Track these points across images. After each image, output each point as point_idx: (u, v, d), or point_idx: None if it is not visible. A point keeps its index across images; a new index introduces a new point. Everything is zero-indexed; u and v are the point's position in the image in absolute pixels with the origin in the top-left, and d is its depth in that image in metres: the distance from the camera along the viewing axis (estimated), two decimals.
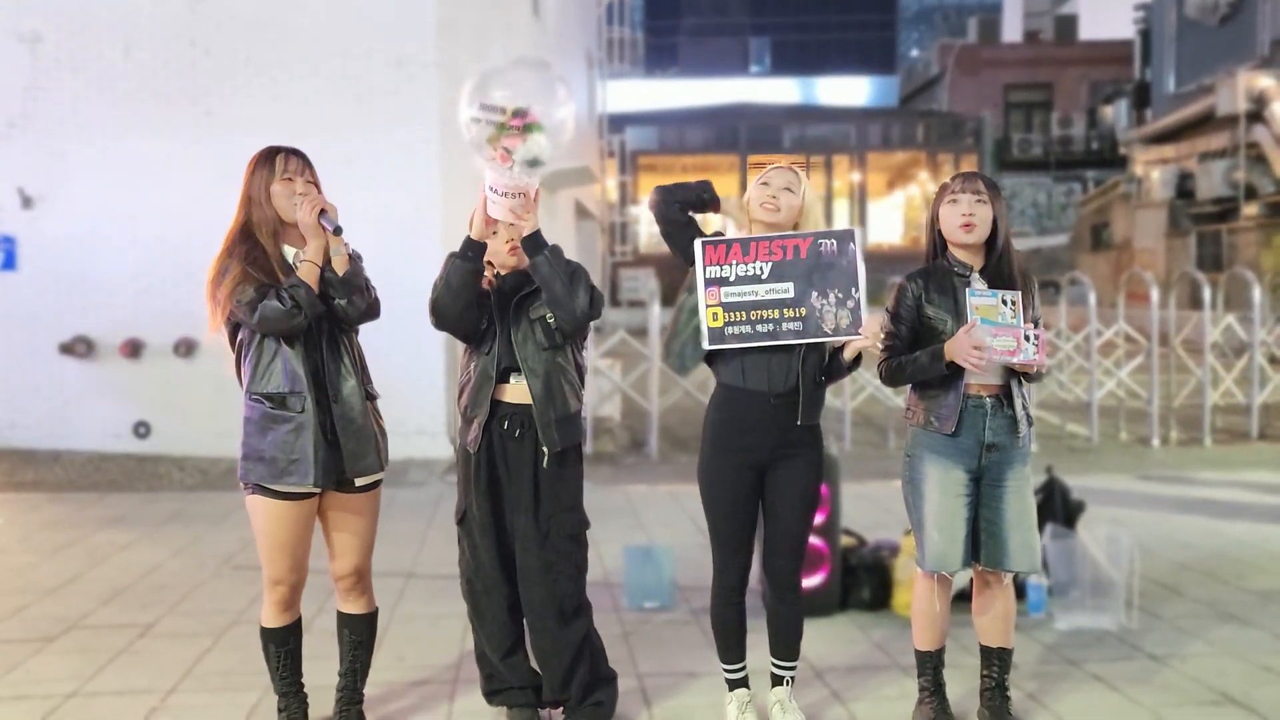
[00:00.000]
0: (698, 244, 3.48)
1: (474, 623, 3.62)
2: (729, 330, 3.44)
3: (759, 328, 3.42)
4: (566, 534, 3.52)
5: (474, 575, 3.57)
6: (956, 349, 3.37)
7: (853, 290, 3.37)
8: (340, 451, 3.35)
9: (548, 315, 3.44)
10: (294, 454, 3.29)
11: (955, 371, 3.43)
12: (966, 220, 3.45)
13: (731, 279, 3.44)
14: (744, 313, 3.43)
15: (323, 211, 3.30)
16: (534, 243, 3.37)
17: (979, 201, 3.46)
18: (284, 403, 3.31)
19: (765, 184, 3.52)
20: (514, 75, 3.27)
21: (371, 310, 3.41)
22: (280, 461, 3.30)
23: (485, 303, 3.50)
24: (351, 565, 3.50)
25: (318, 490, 3.36)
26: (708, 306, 3.46)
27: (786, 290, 3.40)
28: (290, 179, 3.33)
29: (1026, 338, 3.34)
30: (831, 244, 3.40)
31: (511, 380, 3.48)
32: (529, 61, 3.42)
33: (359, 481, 3.42)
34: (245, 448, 3.34)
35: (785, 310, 3.40)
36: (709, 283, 3.46)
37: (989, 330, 3.34)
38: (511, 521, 3.53)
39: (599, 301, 3.44)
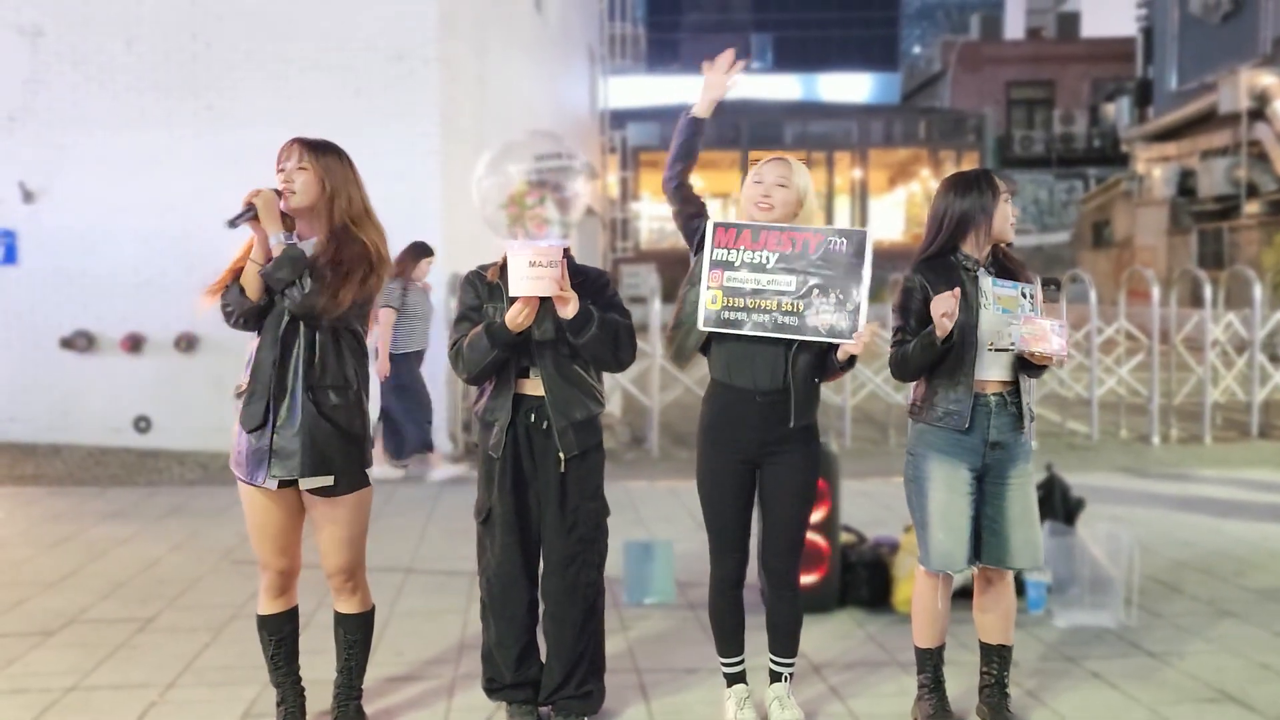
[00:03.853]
0: (709, 225, 3.48)
1: (487, 621, 3.61)
2: (725, 314, 3.42)
3: (754, 317, 3.41)
4: (592, 523, 3.55)
5: (494, 574, 3.56)
6: (938, 301, 3.32)
7: (854, 293, 3.35)
8: (268, 450, 3.28)
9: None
10: (240, 446, 3.33)
11: (961, 364, 3.43)
12: (1015, 220, 3.53)
13: (737, 264, 3.43)
14: (743, 299, 3.41)
15: (250, 205, 3.23)
16: (581, 323, 3.35)
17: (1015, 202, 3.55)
18: (244, 396, 3.35)
19: (758, 181, 3.51)
20: (533, 146, 3.37)
21: (310, 303, 3.20)
22: (236, 451, 3.36)
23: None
24: (334, 565, 3.46)
25: (291, 481, 3.30)
26: (709, 288, 3.44)
27: (789, 284, 3.39)
28: (282, 170, 3.32)
29: (1054, 330, 3.35)
30: (842, 243, 3.39)
31: (531, 374, 3.48)
32: (544, 133, 3.53)
33: (304, 485, 3.30)
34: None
35: (784, 304, 3.39)
36: (714, 265, 3.44)
37: (1006, 319, 3.37)
38: (537, 515, 3.54)
39: (635, 343, 3.52)
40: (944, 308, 3.31)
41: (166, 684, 4.06)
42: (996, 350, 3.42)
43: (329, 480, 3.32)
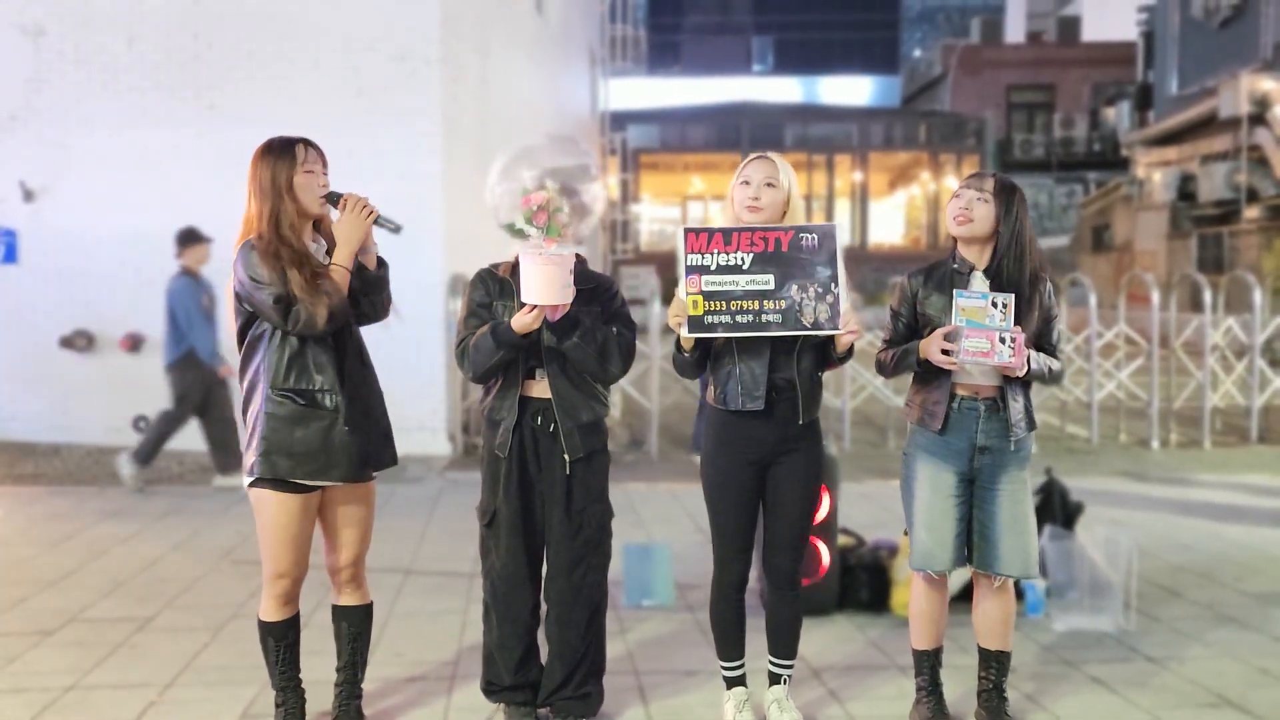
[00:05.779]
0: (680, 232, 3.50)
1: (489, 623, 3.61)
2: (709, 319, 3.42)
3: (739, 318, 3.42)
4: (597, 525, 3.55)
5: (499, 576, 3.56)
6: (926, 347, 3.43)
7: (832, 285, 3.40)
8: (367, 445, 3.40)
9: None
10: (328, 449, 3.32)
11: (941, 369, 3.45)
12: (960, 214, 3.48)
13: (712, 268, 3.43)
14: (724, 302, 3.42)
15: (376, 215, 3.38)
16: (566, 328, 3.37)
17: (980, 199, 3.48)
18: (315, 399, 3.33)
19: (746, 182, 3.52)
20: (552, 151, 3.40)
21: (388, 309, 3.53)
22: (312, 457, 3.31)
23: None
24: (352, 556, 3.52)
25: (328, 484, 3.38)
26: (689, 294, 3.43)
27: (767, 282, 3.41)
28: (312, 171, 3.33)
29: (1002, 340, 3.34)
30: (813, 238, 3.42)
31: (538, 376, 3.49)
32: (562, 138, 3.57)
33: (368, 473, 3.46)
34: (267, 443, 3.30)
35: (765, 301, 3.41)
36: (690, 270, 3.44)
37: (964, 331, 3.36)
38: (542, 518, 3.54)
39: (631, 356, 3.55)
40: (935, 354, 3.40)
41: (165, 683, 4.06)
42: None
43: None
